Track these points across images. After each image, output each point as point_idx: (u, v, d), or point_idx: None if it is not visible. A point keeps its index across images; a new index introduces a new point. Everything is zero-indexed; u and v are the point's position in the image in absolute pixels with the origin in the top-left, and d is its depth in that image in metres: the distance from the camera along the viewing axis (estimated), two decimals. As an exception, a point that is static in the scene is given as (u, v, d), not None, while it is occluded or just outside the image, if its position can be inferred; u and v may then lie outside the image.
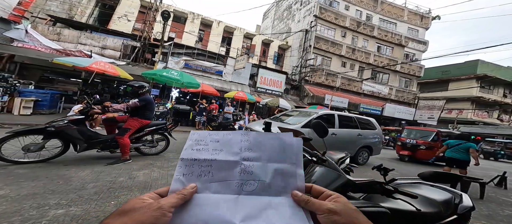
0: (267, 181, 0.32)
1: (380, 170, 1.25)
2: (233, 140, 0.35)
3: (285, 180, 0.32)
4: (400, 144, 7.33)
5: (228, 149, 0.34)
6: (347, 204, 0.29)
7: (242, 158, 0.33)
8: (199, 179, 0.31)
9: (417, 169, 5.92)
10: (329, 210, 0.28)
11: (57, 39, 9.56)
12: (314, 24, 15.66)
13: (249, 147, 0.34)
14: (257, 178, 0.32)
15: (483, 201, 3.33)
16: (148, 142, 3.41)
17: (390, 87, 17.81)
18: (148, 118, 3.09)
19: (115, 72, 6.58)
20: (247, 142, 0.34)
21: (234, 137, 0.35)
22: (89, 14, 12.36)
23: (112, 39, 10.67)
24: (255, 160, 0.33)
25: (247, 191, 0.31)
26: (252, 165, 0.32)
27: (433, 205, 1.15)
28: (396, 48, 18.08)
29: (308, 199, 0.30)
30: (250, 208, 0.29)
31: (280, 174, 0.32)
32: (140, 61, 11.05)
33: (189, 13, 14.84)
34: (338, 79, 16.21)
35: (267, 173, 0.32)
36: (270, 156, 0.34)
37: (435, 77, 22.45)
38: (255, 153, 0.34)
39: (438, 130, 7.07)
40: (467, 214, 1.23)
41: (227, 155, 0.33)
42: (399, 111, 16.33)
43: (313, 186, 0.33)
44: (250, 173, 0.32)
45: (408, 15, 18.38)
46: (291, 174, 0.32)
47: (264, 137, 0.35)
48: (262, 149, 0.34)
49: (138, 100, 2.90)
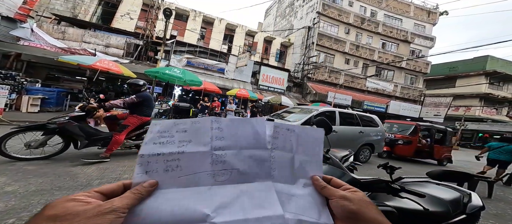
0: (241, 168, 0.31)
1: (386, 168, 1.22)
2: (202, 129, 0.32)
3: (260, 165, 0.32)
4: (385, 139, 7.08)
5: (197, 139, 0.31)
6: (363, 196, 0.28)
7: (213, 147, 0.31)
8: (166, 175, 0.29)
9: (417, 167, 5.82)
10: (341, 196, 0.28)
11: (62, 38, 9.69)
12: (317, 21, 15.39)
13: (220, 135, 0.32)
14: (230, 167, 0.31)
15: (491, 200, 3.26)
16: None
17: (395, 84, 17.47)
18: (147, 114, 3.06)
19: (119, 70, 6.64)
20: (218, 130, 0.33)
21: (204, 124, 0.32)
22: (93, 13, 12.45)
23: (115, 38, 10.74)
24: (227, 148, 0.32)
25: (220, 181, 0.30)
26: (224, 153, 0.31)
27: (441, 204, 1.12)
28: (401, 44, 17.65)
29: (325, 185, 0.31)
30: (224, 197, 0.28)
31: (254, 160, 0.32)
32: (143, 59, 11.13)
33: (191, 11, 14.78)
34: (341, 76, 15.98)
35: (240, 160, 0.32)
36: (243, 143, 0.33)
37: (442, 74, 21.92)
38: (227, 141, 0.32)
39: (417, 123, 6.65)
40: (477, 213, 1.20)
41: (196, 146, 0.31)
42: (404, 108, 16.04)
43: (333, 178, 0.33)
44: (223, 162, 0.31)
45: (414, 11, 17.87)
46: (265, 158, 0.33)
47: (235, 123, 0.34)
48: (234, 136, 0.33)
49: (135, 96, 2.87)
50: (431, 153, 6.58)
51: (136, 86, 3.00)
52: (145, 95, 2.98)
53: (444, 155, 6.73)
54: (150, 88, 8.72)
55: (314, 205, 0.30)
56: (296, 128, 0.35)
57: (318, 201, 0.30)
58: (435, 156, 6.60)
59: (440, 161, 6.70)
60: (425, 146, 6.63)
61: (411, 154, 6.35)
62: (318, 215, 0.29)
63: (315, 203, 0.30)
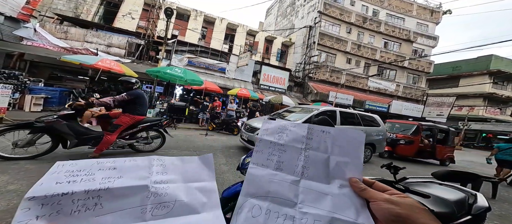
0: (186, 200, 0.31)
1: (390, 169, 1.20)
2: (139, 165, 0.32)
3: (206, 196, 0.33)
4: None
5: (131, 175, 0.30)
6: (414, 202, 0.25)
7: (154, 181, 0.31)
8: (73, 217, 0.25)
9: (419, 168, 5.76)
10: (386, 199, 0.26)
11: (65, 38, 9.77)
12: (318, 20, 15.31)
13: (163, 170, 0.33)
14: (173, 199, 0.31)
15: (496, 201, 3.22)
16: (143, 138, 3.30)
17: (397, 84, 17.33)
18: (140, 113, 2.96)
19: (121, 69, 6.67)
20: (160, 167, 0.33)
21: (141, 162, 0.33)
22: (95, 13, 12.53)
23: (117, 37, 10.80)
24: (171, 182, 0.32)
25: (160, 215, 0.29)
26: (166, 187, 0.31)
27: (446, 205, 1.10)
28: (404, 44, 17.49)
29: (365, 187, 0.29)
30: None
31: (200, 192, 0.33)
32: (145, 58, 11.17)
33: (192, 10, 14.80)
34: (343, 76, 15.89)
35: (186, 193, 0.32)
36: (190, 177, 0.34)
37: (445, 74, 21.69)
38: (170, 176, 0.33)
39: (419, 123, 6.59)
40: (482, 214, 1.18)
41: (129, 181, 0.29)
42: (406, 108, 15.90)
43: (377, 182, 0.31)
44: (164, 194, 0.30)
45: (417, 10, 17.68)
46: (211, 189, 0.34)
47: (180, 161, 0.36)
48: (180, 171, 0.34)
49: (126, 94, 2.76)
50: (433, 153, 6.52)
51: (128, 84, 2.92)
52: (137, 93, 2.88)
53: (446, 155, 6.66)
54: (152, 88, 8.76)
55: (351, 205, 0.29)
56: (332, 130, 0.36)
57: (356, 202, 0.29)
58: (438, 156, 6.54)
59: (443, 161, 6.63)
60: (427, 145, 6.56)
61: (413, 154, 6.29)
62: (356, 215, 0.28)
63: (352, 204, 0.29)
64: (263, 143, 0.38)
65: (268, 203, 0.31)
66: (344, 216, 0.28)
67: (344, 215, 0.28)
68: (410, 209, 0.24)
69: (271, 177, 0.33)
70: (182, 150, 4.03)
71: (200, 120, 8.51)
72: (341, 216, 0.28)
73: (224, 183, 2.55)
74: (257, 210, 0.30)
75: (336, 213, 0.28)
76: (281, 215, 0.30)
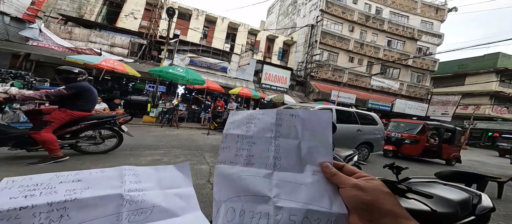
0: (164, 205, 0.31)
1: (392, 169, 1.19)
2: (108, 176, 0.31)
3: (185, 200, 0.33)
4: (385, 138, 6.94)
5: (101, 185, 0.29)
6: (379, 185, 0.25)
7: (128, 189, 0.30)
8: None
9: (425, 167, 5.69)
10: (354, 185, 0.26)
11: (69, 38, 9.91)
12: (320, 19, 15.19)
13: (137, 179, 0.33)
14: (150, 205, 0.30)
15: (501, 201, 3.15)
16: (89, 138, 2.84)
17: (401, 82, 17.10)
18: (82, 109, 2.56)
19: (124, 69, 6.74)
20: (133, 176, 0.33)
21: (111, 173, 0.32)
22: (98, 13, 12.67)
23: (120, 37, 10.91)
24: (147, 190, 0.32)
25: (138, 221, 0.29)
26: (142, 194, 0.31)
27: (449, 205, 1.09)
28: (408, 42, 17.23)
29: (335, 172, 0.28)
30: None
31: (179, 197, 0.33)
32: (147, 58, 11.26)
33: (194, 10, 14.84)
34: (345, 74, 15.75)
35: (164, 198, 0.32)
36: (167, 184, 0.34)
37: (451, 72, 21.31)
38: (146, 184, 0.32)
39: (425, 122, 6.45)
40: (487, 215, 1.16)
41: (98, 191, 0.28)
42: (410, 107, 15.69)
43: (346, 165, 0.30)
44: (141, 201, 0.30)
45: (421, 8, 17.38)
46: (189, 194, 0.34)
47: (155, 170, 0.35)
48: (155, 179, 0.34)
49: (64, 88, 2.37)
50: (439, 152, 6.41)
51: (69, 75, 2.45)
52: (80, 86, 2.48)
53: (452, 155, 6.56)
54: (154, 87, 8.84)
55: (324, 193, 0.28)
56: (301, 112, 0.33)
57: (328, 189, 0.28)
58: (443, 155, 6.42)
59: (449, 161, 6.53)
60: (433, 145, 6.46)
61: (418, 153, 6.20)
62: (330, 203, 0.27)
63: (325, 191, 0.28)
64: (230, 137, 0.35)
65: (241, 203, 0.29)
66: (319, 207, 0.27)
67: (319, 206, 0.27)
68: (375, 194, 0.24)
69: (241, 174, 0.31)
70: (184, 149, 4.06)
71: (202, 119, 8.56)
72: (316, 206, 0.27)
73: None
74: (231, 213, 0.29)
75: (311, 204, 0.27)
76: (256, 213, 0.28)
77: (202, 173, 2.77)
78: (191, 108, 9.43)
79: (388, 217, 0.22)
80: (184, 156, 3.51)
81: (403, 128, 6.85)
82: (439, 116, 15.33)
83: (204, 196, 2.12)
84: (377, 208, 0.23)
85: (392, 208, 0.23)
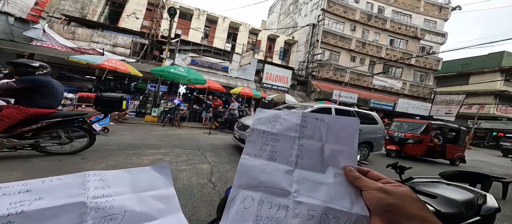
0: (138, 209, 0.30)
1: (395, 168, 1.17)
2: (67, 184, 0.29)
3: (164, 202, 0.32)
4: (388, 137, 6.73)
5: (56, 195, 0.27)
6: (408, 191, 0.25)
7: (92, 196, 0.28)
8: None
9: (429, 167, 5.63)
10: (379, 188, 0.25)
11: (72, 38, 10.01)
12: (321, 18, 15.11)
13: (104, 185, 0.30)
14: (122, 210, 0.28)
15: (506, 201, 3.11)
16: (52, 137, 2.58)
17: (403, 82, 16.94)
18: (41, 105, 2.31)
19: (126, 69, 6.79)
20: (100, 181, 0.31)
21: (69, 180, 0.29)
22: (100, 13, 12.77)
23: (122, 37, 10.98)
24: (117, 195, 0.30)
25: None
26: (111, 199, 0.29)
27: (454, 205, 1.08)
28: (410, 41, 17.05)
29: (359, 176, 0.28)
30: None
31: (157, 199, 0.32)
32: (149, 58, 11.32)
33: (195, 10, 14.88)
34: (347, 74, 15.66)
35: (138, 202, 0.30)
36: (142, 187, 0.33)
37: (454, 71, 21.05)
38: (115, 189, 0.31)
39: (429, 122, 6.39)
40: (492, 215, 1.15)
41: (54, 201, 0.26)
42: (413, 106, 15.54)
43: (371, 170, 0.30)
44: (109, 207, 0.28)
45: (424, 6, 17.18)
46: (168, 195, 0.33)
47: (128, 173, 0.34)
48: (128, 183, 0.32)
49: (15, 81, 2.09)
50: (443, 152, 6.33)
51: (25, 67, 2.22)
52: (34, 80, 2.22)
53: (457, 155, 6.48)
54: (156, 87, 8.89)
55: (345, 194, 0.28)
56: (326, 117, 0.35)
57: (350, 191, 0.28)
58: (448, 155, 6.35)
59: (453, 161, 6.46)
60: (437, 145, 6.39)
61: (421, 153, 6.13)
62: (350, 204, 0.27)
63: (346, 193, 0.28)
64: (256, 132, 0.37)
65: (261, 194, 0.30)
66: (339, 206, 0.27)
67: (339, 205, 0.27)
68: (402, 199, 0.23)
69: (264, 167, 0.33)
70: (186, 148, 4.07)
71: (203, 119, 8.58)
72: (336, 205, 0.27)
73: (227, 181, 2.56)
74: (249, 201, 0.30)
75: (331, 202, 0.28)
76: (274, 205, 0.29)
77: (203, 173, 2.77)
78: (193, 108, 9.47)
79: (415, 221, 0.22)
80: (185, 155, 3.52)
81: (406, 127, 6.78)
82: (442, 115, 15.16)
83: (206, 196, 2.12)
84: (403, 212, 0.22)
85: (419, 212, 0.22)
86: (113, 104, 3.02)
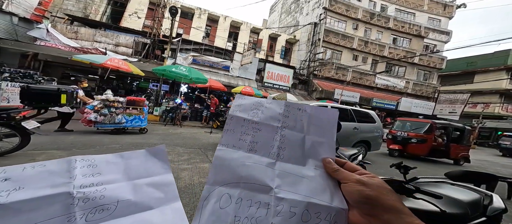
0: (133, 198, 0.27)
1: (399, 168, 1.16)
2: (49, 171, 0.26)
3: (161, 190, 0.30)
4: (390, 137, 6.70)
5: (40, 184, 0.24)
6: (381, 182, 0.26)
7: (79, 185, 0.26)
8: None
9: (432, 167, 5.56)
10: (357, 180, 0.26)
11: (75, 38, 10.10)
12: (323, 16, 14.98)
13: (93, 172, 0.28)
14: (115, 200, 0.26)
15: (511, 201, 3.07)
16: None
17: (406, 81, 16.75)
18: None
19: (128, 68, 6.84)
20: (89, 168, 0.28)
21: (53, 167, 0.26)
22: (103, 12, 12.85)
23: (124, 37, 11.05)
24: (108, 183, 0.27)
25: (95, 219, 0.25)
26: (102, 188, 0.26)
27: (459, 206, 1.06)
28: (414, 39, 16.82)
29: (337, 168, 0.29)
30: None
31: (153, 187, 0.29)
32: (151, 57, 11.38)
33: (196, 9, 14.88)
34: (349, 73, 15.53)
35: (132, 191, 0.28)
36: (137, 174, 0.30)
37: (459, 70, 20.73)
38: (106, 176, 0.28)
39: (433, 121, 6.34)
40: (498, 216, 1.13)
41: (35, 191, 0.24)
42: (416, 105, 15.36)
43: (348, 162, 0.30)
44: (100, 197, 0.26)
45: (428, 4, 16.91)
46: (166, 182, 0.30)
47: (120, 158, 0.30)
48: (120, 169, 0.29)
49: None
50: (447, 152, 6.26)
51: None
52: None
53: (461, 155, 6.39)
54: (158, 86, 8.93)
55: (326, 187, 0.28)
56: (308, 107, 0.34)
57: (330, 184, 0.28)
58: (452, 155, 6.28)
59: (457, 161, 6.38)
60: (441, 144, 6.32)
61: (425, 153, 6.07)
62: (330, 198, 0.27)
63: (327, 186, 0.28)
64: (235, 120, 0.33)
65: (239, 191, 0.28)
66: (320, 200, 0.27)
67: (320, 199, 0.27)
68: (379, 190, 0.24)
69: (243, 160, 0.30)
70: (187, 147, 4.09)
71: (204, 117, 8.62)
72: (317, 200, 0.27)
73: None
74: (226, 199, 0.27)
75: (312, 197, 0.27)
76: (255, 202, 0.27)
77: (205, 172, 2.78)
78: (194, 107, 9.50)
79: (391, 213, 0.23)
80: (187, 154, 3.54)
81: (409, 127, 6.72)
82: (446, 114, 14.96)
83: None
84: (380, 203, 0.23)
85: (395, 204, 0.23)
86: (45, 99, 2.52)
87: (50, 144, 3.23)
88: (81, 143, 3.41)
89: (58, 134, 3.85)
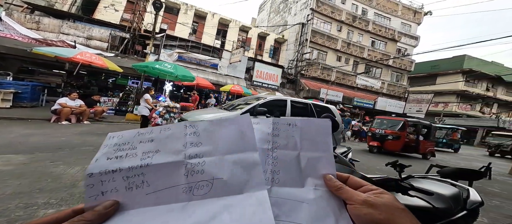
0: (226, 178, 0.26)
1: (395, 167, 1.20)
2: (174, 135, 0.28)
3: (248, 172, 0.27)
4: (370, 134, 7.14)
5: (167, 148, 0.27)
6: (392, 200, 0.23)
7: (187, 155, 0.27)
8: (129, 193, 0.24)
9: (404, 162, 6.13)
10: (364, 201, 0.23)
11: (36, 28, 8.81)
12: (310, 17, 15.47)
13: (197, 141, 0.28)
14: (211, 177, 0.26)
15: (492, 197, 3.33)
16: None
17: (382, 82, 18.25)
18: None
19: (103, 64, 6.18)
20: (194, 135, 0.28)
21: (176, 130, 0.28)
22: (72, 3, 11.42)
23: (99, 30, 9.99)
24: (207, 155, 0.27)
25: (199, 195, 0.25)
26: (202, 161, 0.27)
27: (443, 200, 1.10)
28: (389, 43, 18.38)
29: (341, 185, 0.26)
30: (203, 215, 0.23)
31: (242, 166, 0.27)
32: (130, 53, 10.49)
33: (182, 4, 14.13)
34: (333, 73, 16.35)
35: (224, 168, 0.27)
36: (226, 147, 0.28)
37: (425, 72, 23.28)
38: (205, 147, 0.28)
39: (405, 119, 6.94)
40: (476, 209, 1.18)
41: (165, 156, 0.26)
42: (390, 104, 16.88)
43: (351, 176, 0.27)
44: (201, 172, 0.26)
45: (401, 10, 18.60)
46: (256, 162, 0.28)
47: (215, 125, 0.29)
48: (214, 140, 0.28)
49: None
50: (417, 147, 6.94)
51: None
52: None
53: (428, 150, 7.16)
54: (139, 83, 8.26)
55: (329, 211, 0.25)
56: (298, 121, 0.31)
57: (333, 205, 0.25)
58: (421, 150, 6.96)
59: (425, 155, 7.12)
60: (412, 140, 6.98)
61: (399, 148, 6.64)
62: (336, 222, 0.24)
63: (330, 209, 0.25)
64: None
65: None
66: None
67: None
68: (389, 211, 0.22)
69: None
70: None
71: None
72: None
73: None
74: None
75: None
76: None
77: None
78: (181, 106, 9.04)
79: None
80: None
81: (386, 124, 7.28)
82: (414, 113, 16.73)
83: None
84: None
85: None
86: None
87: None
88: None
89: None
